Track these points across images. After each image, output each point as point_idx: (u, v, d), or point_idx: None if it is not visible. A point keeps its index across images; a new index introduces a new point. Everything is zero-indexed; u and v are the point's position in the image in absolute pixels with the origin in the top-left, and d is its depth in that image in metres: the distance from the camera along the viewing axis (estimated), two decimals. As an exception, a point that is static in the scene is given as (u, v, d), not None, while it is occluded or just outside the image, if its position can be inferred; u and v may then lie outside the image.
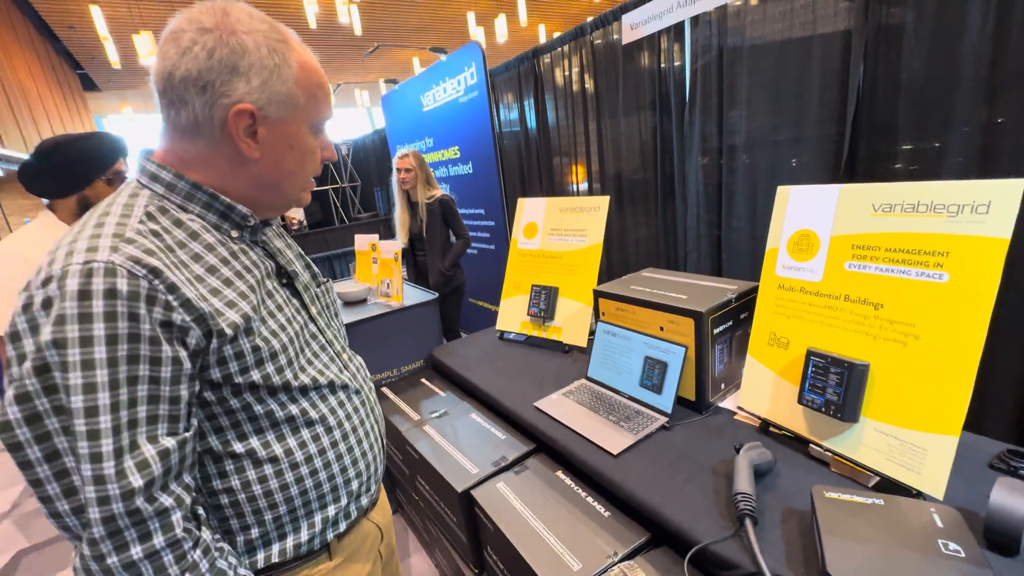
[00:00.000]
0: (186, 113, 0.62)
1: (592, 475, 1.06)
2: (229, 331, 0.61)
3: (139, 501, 0.53)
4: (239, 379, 0.64)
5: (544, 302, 1.64)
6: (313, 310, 0.80)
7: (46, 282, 0.53)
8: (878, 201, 0.88)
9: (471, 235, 3.45)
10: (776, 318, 1.04)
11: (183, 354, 0.58)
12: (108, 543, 0.52)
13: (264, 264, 0.73)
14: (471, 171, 3.46)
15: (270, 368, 0.66)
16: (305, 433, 0.71)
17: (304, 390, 0.72)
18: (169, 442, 0.56)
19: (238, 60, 0.61)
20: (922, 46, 1.58)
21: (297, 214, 6.96)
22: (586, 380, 1.36)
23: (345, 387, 0.79)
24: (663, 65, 2.44)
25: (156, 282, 0.55)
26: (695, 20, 2.20)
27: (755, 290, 1.13)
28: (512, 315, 1.76)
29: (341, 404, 0.77)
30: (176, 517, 0.56)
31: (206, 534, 0.60)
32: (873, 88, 1.73)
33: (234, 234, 0.70)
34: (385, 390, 1.70)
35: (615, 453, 1.05)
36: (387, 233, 4.25)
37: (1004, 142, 1.48)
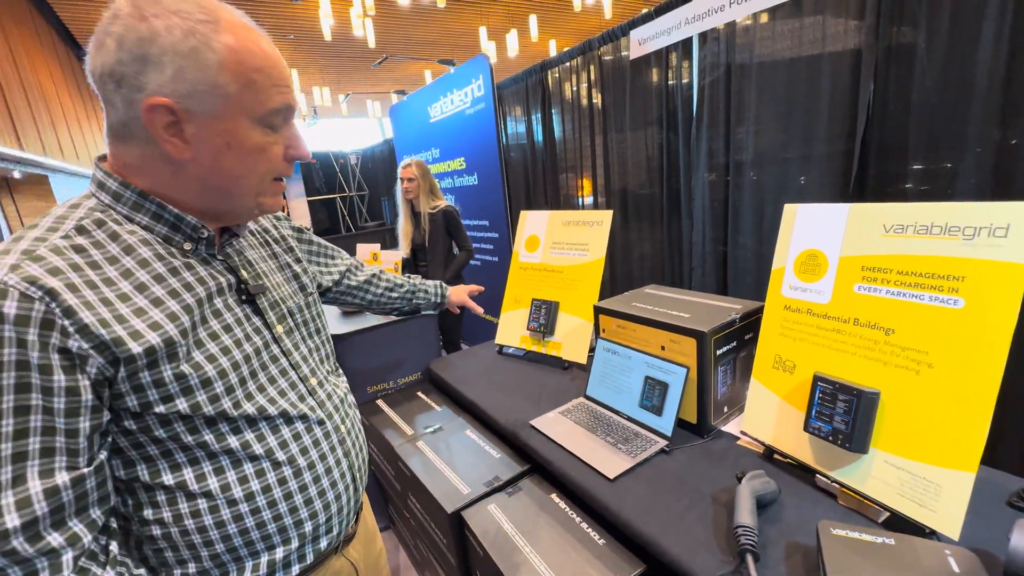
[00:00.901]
0: (114, 112, 0.57)
1: (587, 499, 1.01)
2: (141, 358, 0.55)
3: (15, 542, 0.49)
4: (160, 408, 0.58)
5: (544, 317, 1.61)
6: (279, 329, 0.73)
7: None
8: (889, 222, 0.84)
9: (474, 247, 3.44)
10: (782, 340, 1.00)
11: (83, 383, 0.53)
12: None
13: (218, 279, 0.67)
14: (476, 182, 3.46)
15: (200, 397, 0.60)
16: (247, 468, 0.65)
17: (248, 421, 0.65)
18: (62, 478, 0.52)
19: (147, 48, 0.54)
20: (934, 65, 1.55)
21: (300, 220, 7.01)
22: (584, 399, 1.32)
23: (304, 418, 0.71)
24: (671, 81, 2.43)
25: (53, 305, 0.51)
26: (703, 37, 2.20)
27: (760, 310, 1.09)
28: (511, 329, 1.72)
29: (297, 437, 0.70)
30: (67, 557, 0.52)
31: (110, 574, 0.55)
32: (884, 107, 1.70)
33: (187, 247, 0.64)
34: (380, 403, 1.67)
35: (611, 477, 1.00)
36: (392, 242, 4.25)
37: (1019, 164, 1.45)
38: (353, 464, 0.80)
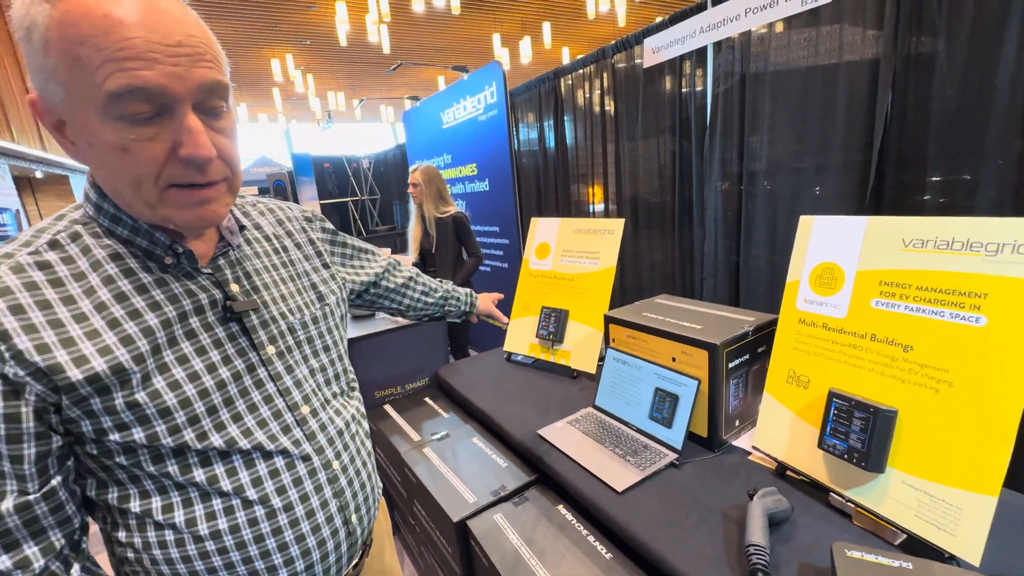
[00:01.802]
0: None
1: (594, 512, 1.00)
2: (83, 386, 0.51)
3: None
4: (115, 436, 0.54)
5: (554, 325, 1.60)
6: (270, 350, 0.66)
7: None
8: (909, 236, 0.82)
9: (485, 252, 3.45)
10: (796, 355, 0.98)
11: (23, 410, 0.50)
12: None
13: (198, 296, 0.61)
14: (487, 188, 3.47)
15: (159, 427, 0.55)
16: (216, 503, 0.60)
17: (219, 453, 0.59)
18: (6, 504, 0.50)
19: (18, 39, 0.47)
20: (954, 76, 1.53)
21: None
22: (593, 409, 1.30)
23: (284, 452, 0.64)
24: (684, 89, 2.42)
25: None
26: (718, 45, 2.19)
27: (774, 323, 1.07)
28: (520, 337, 1.72)
29: (274, 474, 0.63)
30: None
31: None
32: (902, 117, 1.68)
33: (167, 261, 0.59)
34: (388, 408, 1.67)
35: (620, 490, 0.99)
36: (403, 246, 4.27)
37: (1043, 177, 1.41)
38: (347, 505, 0.71)
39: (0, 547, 0.50)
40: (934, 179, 1.64)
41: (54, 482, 0.54)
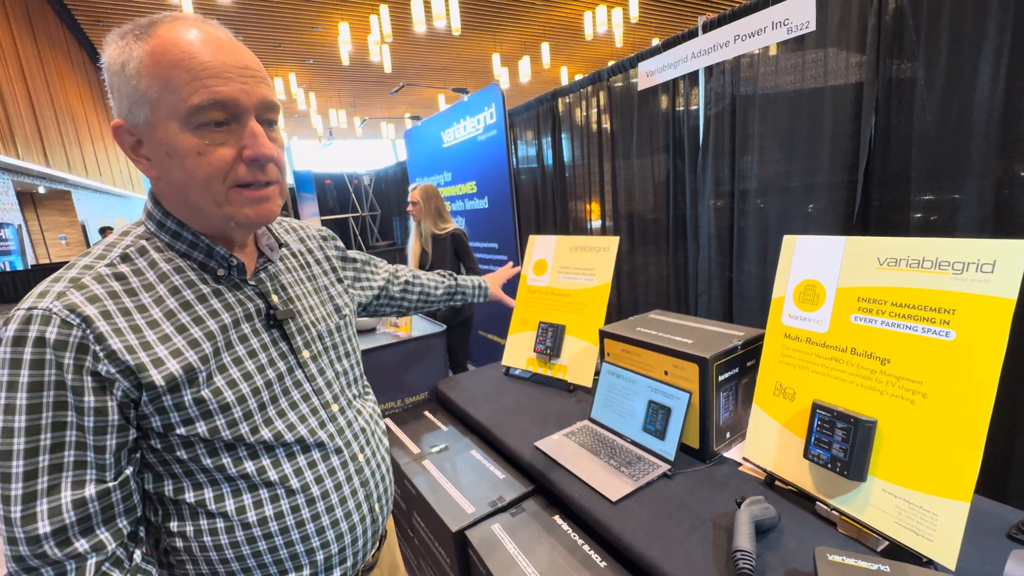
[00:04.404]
0: None
1: (590, 522, 1.03)
2: (161, 384, 0.58)
3: (47, 546, 0.53)
4: (182, 430, 0.61)
5: (551, 339, 1.64)
6: (305, 354, 0.74)
7: (5, 323, 0.55)
8: (884, 255, 0.87)
9: (483, 268, 3.49)
10: (782, 368, 1.03)
11: (110, 404, 0.57)
12: None
13: (247, 305, 0.69)
14: (487, 206, 3.53)
15: (219, 421, 0.62)
16: (263, 493, 0.66)
17: (265, 447, 0.66)
18: (90, 491, 0.56)
19: (108, 75, 0.58)
20: (934, 100, 1.60)
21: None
22: (589, 421, 1.34)
23: (321, 445, 0.72)
24: (679, 108, 2.50)
25: (87, 331, 0.55)
26: (709, 70, 2.27)
27: (762, 338, 1.12)
28: (518, 351, 1.75)
29: (312, 465, 0.71)
30: (91, 562, 0.56)
31: None
32: (886, 139, 1.74)
33: (220, 273, 0.67)
34: (388, 421, 1.69)
35: (614, 500, 1.02)
36: (403, 262, 4.31)
37: (1019, 196, 1.47)
38: (372, 495, 0.79)
39: (79, 531, 0.56)
40: (917, 199, 1.70)
41: (128, 471, 0.60)
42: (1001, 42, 1.43)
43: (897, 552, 0.80)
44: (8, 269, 6.74)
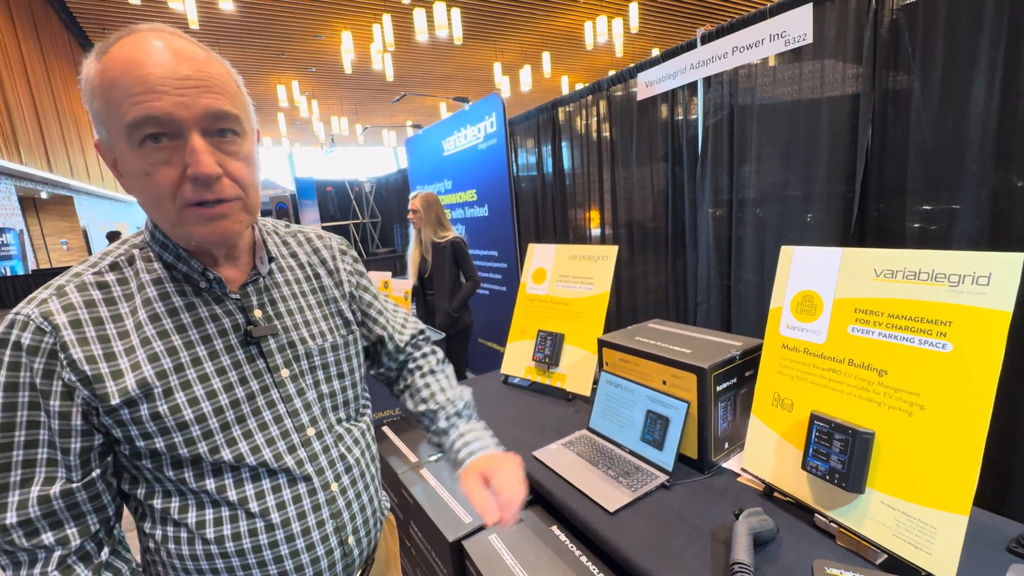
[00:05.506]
0: None
1: (587, 532, 1.02)
2: (115, 397, 0.58)
3: (15, 535, 0.57)
4: (140, 443, 0.61)
5: (550, 348, 1.64)
6: (284, 373, 0.70)
7: None
8: (880, 266, 0.88)
9: (483, 276, 3.50)
10: (780, 378, 1.03)
11: (74, 410, 0.58)
12: (3, 558, 0.58)
13: (223, 320, 0.66)
14: (487, 214, 3.54)
15: (176, 439, 0.61)
16: (223, 511, 0.65)
17: (228, 467, 0.65)
18: (55, 489, 0.58)
19: (84, 93, 0.58)
20: (930, 112, 1.61)
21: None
22: (587, 431, 1.33)
23: (287, 471, 0.68)
24: (678, 119, 2.52)
25: (55, 339, 0.57)
26: (708, 81, 2.29)
27: (760, 348, 1.12)
28: (517, 360, 1.75)
29: (276, 490, 0.67)
30: (57, 554, 0.59)
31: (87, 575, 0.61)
32: (883, 150, 1.75)
33: (202, 285, 0.66)
34: (386, 429, 1.69)
35: (612, 511, 1.02)
36: (403, 269, 4.33)
37: (1015, 208, 1.48)
38: (344, 527, 0.73)
39: (47, 525, 0.59)
40: (916, 209, 1.70)
41: (94, 474, 0.62)
42: (995, 55, 1.45)
43: (896, 565, 0.79)
44: (9, 274, 6.75)
